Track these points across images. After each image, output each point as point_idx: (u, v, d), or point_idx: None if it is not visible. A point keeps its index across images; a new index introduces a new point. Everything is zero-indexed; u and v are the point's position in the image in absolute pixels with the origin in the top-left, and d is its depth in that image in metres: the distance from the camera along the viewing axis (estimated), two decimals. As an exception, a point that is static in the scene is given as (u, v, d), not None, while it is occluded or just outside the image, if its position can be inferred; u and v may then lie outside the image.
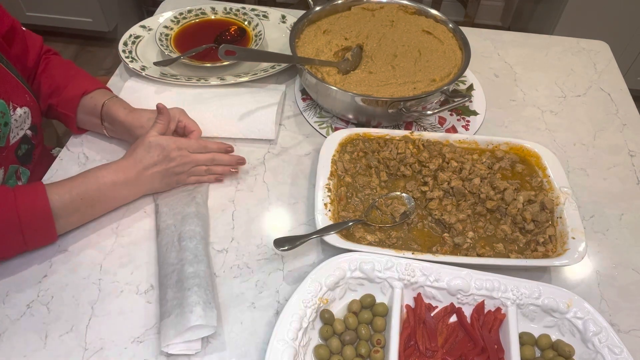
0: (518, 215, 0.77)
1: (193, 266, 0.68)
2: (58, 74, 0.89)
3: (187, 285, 0.65)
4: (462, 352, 0.64)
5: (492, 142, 0.87)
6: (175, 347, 0.63)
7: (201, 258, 0.70)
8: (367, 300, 0.68)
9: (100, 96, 0.86)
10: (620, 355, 0.62)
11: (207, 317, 0.63)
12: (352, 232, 0.75)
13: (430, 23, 1.03)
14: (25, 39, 0.89)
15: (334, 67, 0.94)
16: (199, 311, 0.63)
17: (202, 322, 0.62)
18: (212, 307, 0.64)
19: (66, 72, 0.90)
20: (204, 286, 0.66)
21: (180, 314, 0.63)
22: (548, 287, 0.67)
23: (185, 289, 0.65)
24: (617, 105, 1.03)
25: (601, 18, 1.98)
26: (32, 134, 0.86)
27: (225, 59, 0.79)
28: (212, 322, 0.63)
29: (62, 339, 0.65)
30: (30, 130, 0.85)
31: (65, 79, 0.88)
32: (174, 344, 0.63)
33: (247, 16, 1.11)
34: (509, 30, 2.33)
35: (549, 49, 1.16)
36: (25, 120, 0.83)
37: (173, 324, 0.63)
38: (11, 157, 0.82)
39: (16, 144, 0.83)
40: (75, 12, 2.32)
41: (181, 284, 0.66)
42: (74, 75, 0.89)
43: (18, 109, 0.81)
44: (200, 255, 0.70)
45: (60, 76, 0.89)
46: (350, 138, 0.86)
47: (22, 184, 0.86)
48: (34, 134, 0.87)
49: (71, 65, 0.92)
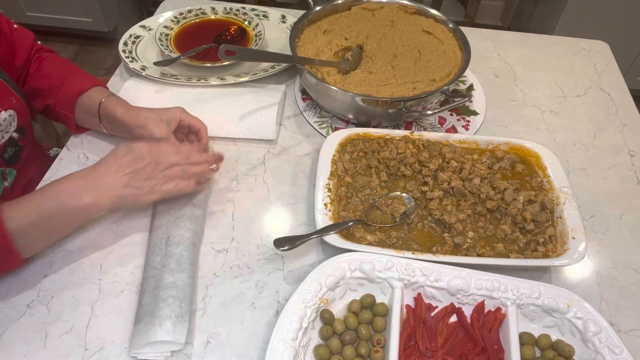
0: (518, 215, 0.77)
1: (173, 275, 0.67)
2: (53, 73, 0.87)
3: (163, 295, 0.64)
4: (462, 352, 0.64)
5: (492, 142, 0.87)
6: (143, 355, 0.63)
7: (184, 266, 0.68)
8: (367, 300, 0.68)
9: (97, 94, 0.84)
10: (620, 355, 0.62)
11: (175, 333, 0.62)
12: (352, 232, 0.75)
13: (430, 23, 1.03)
14: (13, 37, 0.86)
15: (334, 67, 0.94)
16: (169, 326, 0.62)
17: (169, 339, 0.61)
18: (184, 322, 0.63)
19: (61, 70, 0.88)
20: (180, 298, 0.65)
21: (149, 324, 0.62)
22: (548, 287, 0.67)
23: (160, 299, 0.64)
24: (617, 105, 1.03)
25: (601, 18, 1.98)
26: (18, 136, 0.85)
27: (225, 59, 0.79)
28: (180, 338, 0.62)
29: (62, 339, 0.65)
30: (16, 133, 0.84)
31: (60, 78, 0.86)
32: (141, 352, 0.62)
33: (247, 16, 1.11)
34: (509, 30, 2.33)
35: (549, 49, 1.16)
36: (11, 123, 0.82)
37: (141, 333, 0.62)
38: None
39: (2, 147, 0.81)
40: (75, 12, 2.32)
41: (158, 292, 0.65)
42: (70, 74, 0.87)
43: (2, 113, 0.79)
44: (184, 264, 0.69)
45: (55, 76, 0.87)
46: (350, 138, 0.86)
47: (8, 184, 0.84)
48: (20, 136, 0.85)
49: (66, 64, 0.90)
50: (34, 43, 0.90)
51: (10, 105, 0.81)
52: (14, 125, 0.83)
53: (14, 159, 0.85)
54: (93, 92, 0.85)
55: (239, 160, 0.88)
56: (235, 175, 0.85)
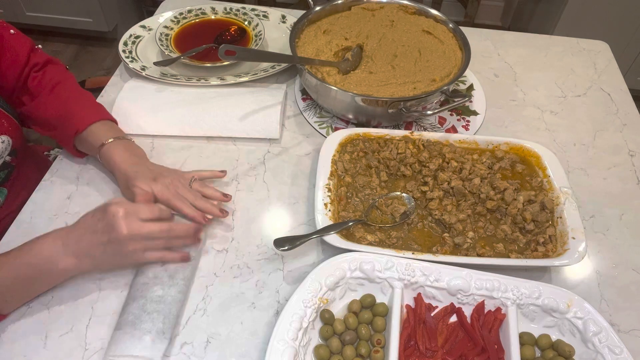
0: (518, 215, 0.77)
1: (164, 289, 0.66)
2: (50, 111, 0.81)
3: (148, 308, 0.64)
4: (462, 352, 0.64)
5: (492, 142, 0.87)
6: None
7: (177, 281, 0.68)
8: (367, 300, 0.68)
9: (96, 136, 0.78)
10: (620, 355, 0.62)
11: (152, 350, 0.62)
12: (352, 232, 0.75)
13: (430, 23, 1.03)
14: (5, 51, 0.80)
15: (334, 67, 0.94)
16: (147, 341, 0.62)
17: (146, 355, 0.61)
18: (164, 339, 0.63)
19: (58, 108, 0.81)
20: (165, 313, 0.64)
21: (129, 335, 0.62)
22: (548, 287, 0.67)
23: (145, 311, 0.64)
24: (617, 105, 1.03)
25: (601, 18, 1.98)
26: (11, 158, 0.83)
27: (225, 59, 0.79)
28: (156, 356, 0.62)
29: (62, 339, 0.65)
30: (9, 156, 0.82)
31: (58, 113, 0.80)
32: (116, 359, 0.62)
33: (247, 16, 1.11)
34: (509, 30, 2.33)
35: (549, 49, 1.16)
36: (7, 149, 0.80)
37: (119, 341, 0.62)
38: None
39: None
40: (75, 12, 2.32)
41: (144, 302, 0.65)
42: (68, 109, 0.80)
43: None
44: (177, 279, 0.68)
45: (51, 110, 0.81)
46: (350, 138, 0.86)
47: (0, 203, 0.83)
48: (13, 157, 0.83)
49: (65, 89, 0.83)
50: (27, 60, 0.83)
51: (3, 130, 0.78)
52: (8, 150, 0.80)
53: (4, 180, 0.84)
54: (90, 133, 0.79)
55: (239, 160, 0.88)
56: (236, 175, 0.85)
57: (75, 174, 0.84)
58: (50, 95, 0.82)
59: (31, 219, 0.77)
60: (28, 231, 0.75)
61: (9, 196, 0.85)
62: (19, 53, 0.82)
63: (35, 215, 0.78)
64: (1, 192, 0.83)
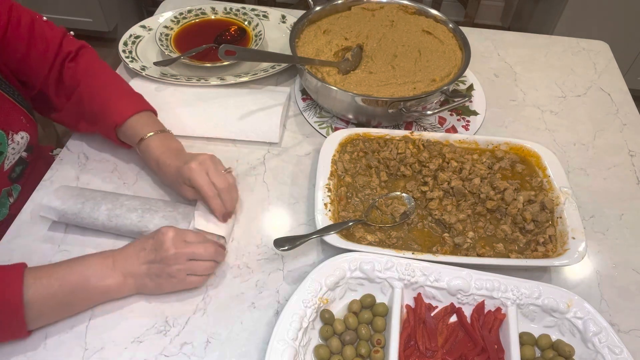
0: (518, 215, 0.77)
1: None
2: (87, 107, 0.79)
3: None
4: (462, 352, 0.64)
5: (492, 142, 0.87)
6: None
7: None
8: (367, 300, 0.68)
9: (134, 130, 0.78)
10: (620, 355, 0.62)
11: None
12: (352, 232, 0.75)
13: (430, 23, 1.03)
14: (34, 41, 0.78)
15: (334, 67, 0.94)
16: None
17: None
18: None
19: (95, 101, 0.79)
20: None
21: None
22: (548, 287, 0.67)
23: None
24: (617, 105, 1.03)
25: (601, 18, 1.98)
26: (27, 155, 0.83)
27: (225, 59, 0.79)
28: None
29: (62, 339, 0.65)
30: (26, 152, 0.82)
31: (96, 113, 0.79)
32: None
33: (247, 16, 1.11)
34: (509, 30, 2.33)
35: (549, 49, 1.16)
36: (25, 144, 0.80)
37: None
38: (4, 181, 0.80)
39: (10, 168, 0.80)
40: (75, 12, 2.32)
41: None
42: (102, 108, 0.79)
43: (16, 136, 0.77)
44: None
45: (91, 110, 0.79)
46: (350, 138, 0.86)
47: (13, 200, 0.84)
48: (29, 153, 0.84)
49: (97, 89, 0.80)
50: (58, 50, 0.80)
51: (21, 126, 0.79)
52: (25, 146, 0.81)
53: (20, 176, 0.85)
54: (131, 123, 0.78)
55: (239, 161, 0.88)
56: (236, 175, 0.85)
57: (75, 174, 0.84)
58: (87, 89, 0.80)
59: (31, 219, 0.77)
60: (28, 231, 0.75)
61: (22, 193, 0.86)
62: (49, 42, 0.80)
63: (35, 215, 0.78)
64: (15, 188, 0.84)
